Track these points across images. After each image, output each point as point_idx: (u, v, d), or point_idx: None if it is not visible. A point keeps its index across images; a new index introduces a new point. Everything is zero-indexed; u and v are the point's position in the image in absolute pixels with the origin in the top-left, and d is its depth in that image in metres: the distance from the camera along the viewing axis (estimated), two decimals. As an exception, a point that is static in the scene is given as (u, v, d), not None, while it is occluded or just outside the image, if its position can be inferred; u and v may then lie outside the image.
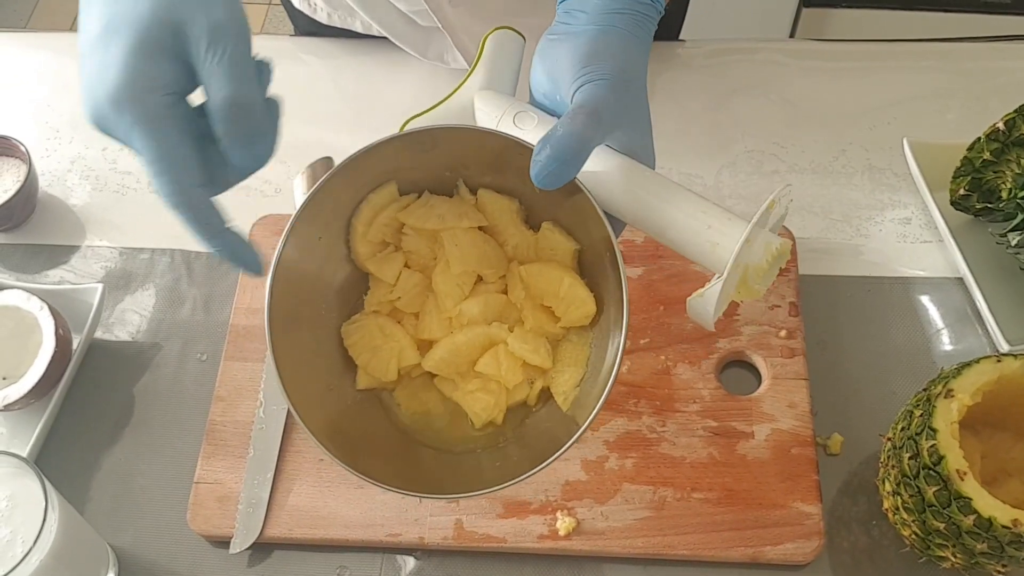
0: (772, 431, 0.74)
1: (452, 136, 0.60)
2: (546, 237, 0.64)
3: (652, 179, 0.57)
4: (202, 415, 0.79)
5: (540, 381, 0.64)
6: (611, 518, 0.72)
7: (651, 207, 0.57)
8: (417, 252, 0.65)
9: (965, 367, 0.63)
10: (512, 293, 0.64)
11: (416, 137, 0.60)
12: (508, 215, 0.64)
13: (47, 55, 1.07)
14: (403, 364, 0.64)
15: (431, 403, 0.66)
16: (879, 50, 0.99)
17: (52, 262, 0.90)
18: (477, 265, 0.64)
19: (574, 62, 0.57)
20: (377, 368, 0.64)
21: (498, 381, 0.63)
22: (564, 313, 0.63)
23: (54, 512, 0.63)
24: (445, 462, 0.64)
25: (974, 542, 0.60)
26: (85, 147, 0.98)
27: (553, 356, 0.64)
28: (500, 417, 0.64)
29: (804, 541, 0.69)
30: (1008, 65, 0.97)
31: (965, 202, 0.82)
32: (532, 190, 0.56)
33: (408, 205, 0.64)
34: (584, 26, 0.59)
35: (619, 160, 0.58)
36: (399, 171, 0.63)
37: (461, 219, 0.63)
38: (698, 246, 0.56)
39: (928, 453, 0.61)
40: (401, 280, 0.64)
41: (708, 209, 0.56)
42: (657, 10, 0.61)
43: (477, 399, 0.64)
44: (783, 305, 0.79)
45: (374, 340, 0.64)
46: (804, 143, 0.92)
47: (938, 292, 0.82)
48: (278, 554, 0.74)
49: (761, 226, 0.55)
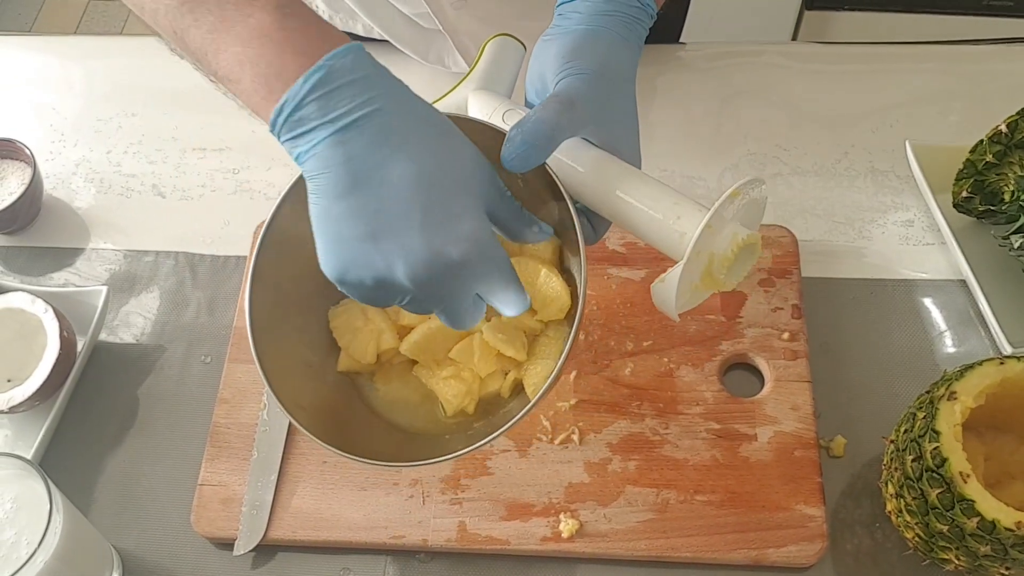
0: (775, 433, 0.74)
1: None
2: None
3: (625, 171, 0.59)
4: (206, 417, 0.79)
5: (514, 373, 0.66)
6: (614, 520, 0.72)
7: (622, 198, 0.58)
8: None
9: (968, 369, 0.63)
10: None
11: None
12: None
13: (52, 58, 1.07)
14: (382, 348, 0.66)
15: (407, 390, 0.68)
16: (881, 52, 0.99)
17: (57, 265, 0.90)
18: None
19: (559, 58, 0.59)
20: (357, 350, 0.66)
21: (471, 369, 0.65)
22: (541, 307, 0.65)
23: (58, 514, 0.63)
24: (417, 445, 0.66)
25: (978, 545, 0.60)
26: (90, 150, 0.98)
27: (529, 350, 0.65)
28: (472, 406, 0.66)
29: (807, 543, 0.69)
30: (1010, 67, 0.97)
31: (967, 204, 0.82)
32: (519, 187, 0.58)
33: None
34: (575, 26, 0.61)
35: (595, 153, 0.60)
36: None
37: None
38: (667, 237, 0.57)
39: (931, 455, 0.61)
40: None
41: (680, 201, 0.57)
42: (649, 15, 0.63)
43: (450, 385, 0.65)
44: (786, 307, 0.80)
45: (355, 322, 0.66)
46: (806, 146, 0.93)
47: (941, 294, 0.82)
48: (282, 556, 0.74)
49: (727, 216, 0.56)
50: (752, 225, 0.59)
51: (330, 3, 0.98)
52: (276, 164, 0.95)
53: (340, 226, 0.50)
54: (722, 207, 0.55)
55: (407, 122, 0.51)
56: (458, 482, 0.74)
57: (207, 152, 0.97)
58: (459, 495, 0.73)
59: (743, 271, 0.57)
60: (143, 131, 0.99)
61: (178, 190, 0.94)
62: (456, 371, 0.66)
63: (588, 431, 0.75)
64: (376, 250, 0.50)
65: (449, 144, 0.53)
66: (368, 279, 0.51)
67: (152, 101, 1.01)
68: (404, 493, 0.74)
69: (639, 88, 0.62)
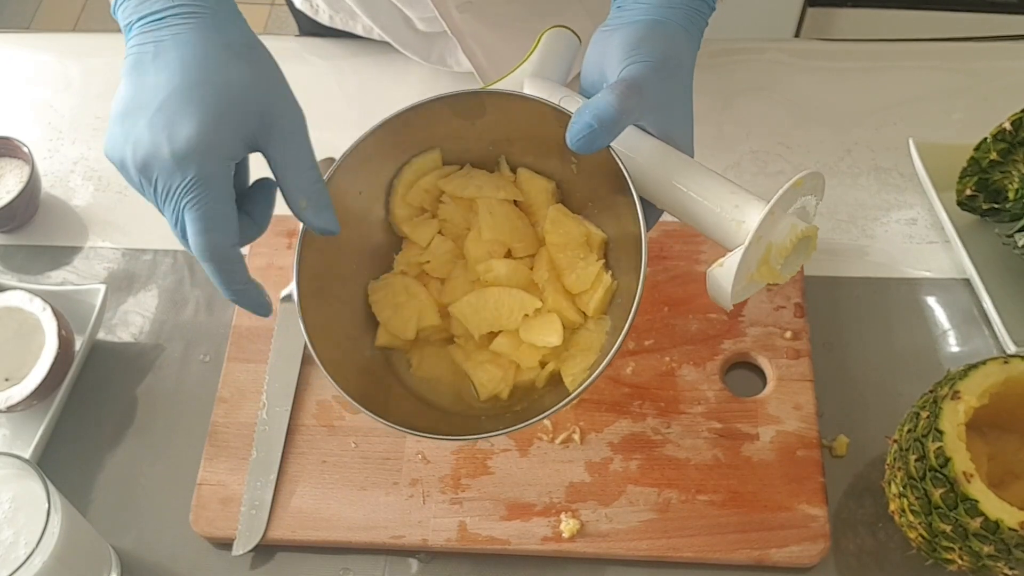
0: (777, 433, 0.74)
1: (499, 103, 0.62)
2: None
3: (682, 161, 0.59)
4: (205, 417, 0.78)
5: (553, 363, 0.64)
6: (615, 520, 0.71)
7: (680, 187, 0.59)
8: (452, 221, 0.66)
9: (972, 369, 0.63)
10: (537, 273, 0.65)
11: (465, 99, 0.62)
12: (544, 195, 0.65)
13: (50, 56, 1.07)
14: (423, 324, 0.65)
15: (441, 369, 0.67)
16: (885, 50, 0.99)
17: (55, 263, 0.90)
18: (509, 236, 0.65)
19: (623, 47, 0.59)
20: (397, 325, 0.65)
21: (510, 358, 0.64)
22: (582, 299, 0.64)
23: (57, 514, 0.63)
24: (451, 423, 0.65)
25: (981, 544, 0.59)
26: (88, 148, 0.98)
27: (569, 341, 0.64)
28: (506, 392, 0.65)
29: (810, 543, 0.69)
30: (1015, 65, 0.96)
31: (971, 203, 0.81)
32: (571, 175, 0.61)
33: (449, 175, 0.66)
34: (638, 16, 0.61)
35: (652, 142, 0.60)
36: (445, 139, 0.65)
37: (498, 191, 0.65)
38: (725, 225, 0.57)
39: (935, 455, 0.60)
40: (433, 244, 0.66)
41: (736, 191, 0.58)
42: (710, 6, 0.64)
43: (486, 370, 0.64)
44: (788, 306, 0.79)
45: (398, 298, 0.65)
46: (809, 143, 0.92)
47: (944, 293, 0.82)
48: (281, 556, 0.74)
49: (787, 206, 0.57)
50: (807, 218, 0.59)
51: (331, 3, 0.97)
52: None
53: (115, 104, 0.55)
54: (784, 196, 0.55)
55: (205, 32, 0.55)
56: (458, 482, 0.74)
57: (206, 150, 0.96)
58: (459, 495, 0.73)
59: (798, 263, 0.58)
60: (142, 129, 0.99)
61: (177, 188, 0.94)
62: (494, 357, 0.65)
63: (589, 430, 0.75)
64: (121, 131, 0.54)
65: (229, 65, 0.55)
66: (117, 160, 0.54)
67: (151, 99, 1.01)
68: (404, 493, 0.73)
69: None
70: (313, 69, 1.01)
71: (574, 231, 0.64)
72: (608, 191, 0.61)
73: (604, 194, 0.63)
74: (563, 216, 0.65)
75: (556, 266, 0.65)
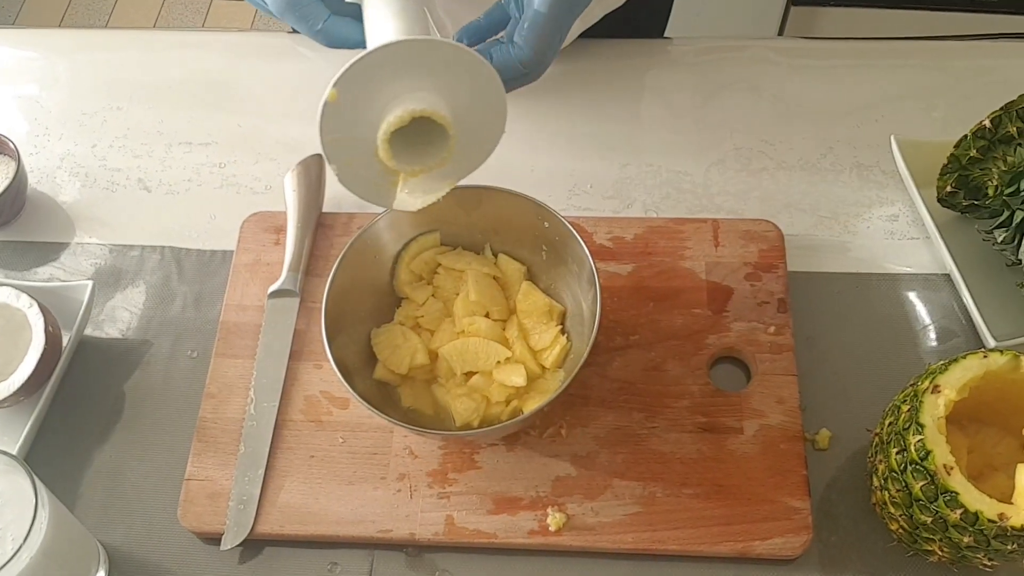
0: (761, 427, 0.74)
1: (493, 197, 0.75)
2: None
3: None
4: (192, 412, 0.79)
5: (516, 401, 0.74)
6: (601, 514, 0.72)
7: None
8: (444, 287, 0.79)
9: (952, 363, 0.64)
10: (508, 332, 0.77)
11: (466, 193, 0.73)
12: (518, 274, 0.79)
13: (36, 52, 1.06)
14: (414, 363, 0.76)
15: (426, 402, 0.76)
16: (867, 48, 1.00)
17: (41, 259, 0.90)
18: (489, 302, 0.77)
19: None
20: (393, 362, 0.76)
21: (483, 393, 0.74)
22: (542, 355, 0.76)
23: (44, 510, 0.63)
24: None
25: (960, 536, 0.60)
26: (74, 144, 0.97)
27: (530, 386, 0.75)
28: (476, 421, 0.74)
29: (792, 536, 0.70)
30: (994, 63, 0.97)
31: (952, 199, 0.82)
32: (541, 260, 0.78)
33: (445, 252, 0.80)
34: None
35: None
36: (444, 224, 0.79)
37: (483, 266, 0.79)
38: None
39: (915, 448, 0.61)
40: (427, 304, 0.78)
41: (424, 25, 0.60)
42: None
43: (462, 402, 0.74)
44: (772, 301, 0.80)
45: (395, 340, 0.77)
46: (792, 140, 0.93)
47: (925, 288, 0.83)
48: (269, 551, 0.74)
49: (404, 74, 0.57)
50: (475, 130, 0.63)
51: None
52: (262, 158, 0.95)
53: None
54: (408, 45, 0.56)
55: None
56: (446, 476, 0.74)
57: (193, 146, 0.96)
58: (447, 489, 0.74)
59: (432, 189, 0.64)
60: (128, 125, 0.99)
61: (164, 184, 0.94)
62: (469, 391, 0.74)
63: (575, 425, 0.76)
64: None
65: None
66: None
67: (137, 95, 1.01)
68: (391, 488, 0.74)
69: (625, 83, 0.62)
70: (307, 64, 1.01)
71: (540, 303, 0.77)
72: (569, 276, 0.76)
73: (565, 277, 0.77)
74: (532, 291, 0.78)
75: (524, 329, 0.77)
